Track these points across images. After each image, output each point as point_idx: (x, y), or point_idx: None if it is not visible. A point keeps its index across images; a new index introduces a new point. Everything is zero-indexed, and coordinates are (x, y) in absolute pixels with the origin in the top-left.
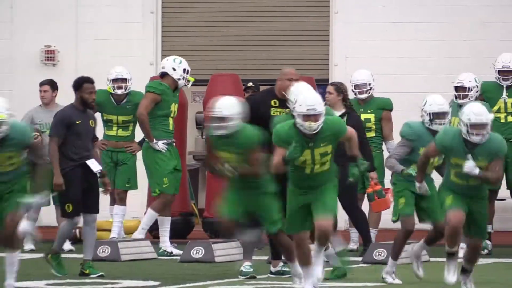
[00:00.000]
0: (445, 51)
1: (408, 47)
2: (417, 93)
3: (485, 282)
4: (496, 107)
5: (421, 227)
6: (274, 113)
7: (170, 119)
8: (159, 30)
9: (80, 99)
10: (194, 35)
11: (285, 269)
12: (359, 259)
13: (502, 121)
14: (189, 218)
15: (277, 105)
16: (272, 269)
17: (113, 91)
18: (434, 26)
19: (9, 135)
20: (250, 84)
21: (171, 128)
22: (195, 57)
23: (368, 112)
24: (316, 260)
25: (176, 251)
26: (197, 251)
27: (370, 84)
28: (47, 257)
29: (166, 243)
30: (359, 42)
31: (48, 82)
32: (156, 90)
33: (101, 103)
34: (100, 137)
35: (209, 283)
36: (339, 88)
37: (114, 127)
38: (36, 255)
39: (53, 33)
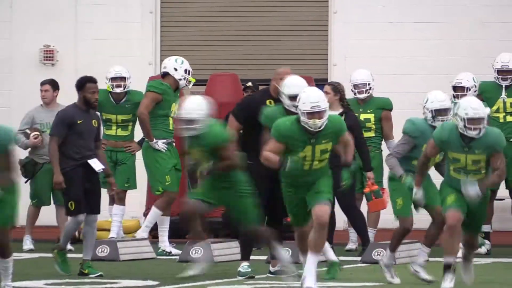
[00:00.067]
0: (444, 51)
1: (407, 47)
2: (416, 93)
3: (484, 282)
4: (495, 107)
5: (420, 226)
6: None
7: (171, 119)
8: (158, 30)
9: (83, 99)
10: (193, 35)
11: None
12: (358, 259)
13: (501, 121)
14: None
15: (272, 105)
16: (271, 269)
17: (112, 89)
18: (433, 26)
19: None
20: (249, 84)
21: (171, 128)
22: (194, 56)
23: (368, 112)
24: (307, 270)
25: (175, 250)
26: (196, 251)
27: (370, 84)
28: (53, 252)
29: (165, 242)
30: (358, 42)
31: (49, 82)
32: (157, 90)
33: (100, 102)
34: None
35: (208, 283)
36: (336, 88)
37: (114, 127)
38: (35, 255)
39: (52, 33)
